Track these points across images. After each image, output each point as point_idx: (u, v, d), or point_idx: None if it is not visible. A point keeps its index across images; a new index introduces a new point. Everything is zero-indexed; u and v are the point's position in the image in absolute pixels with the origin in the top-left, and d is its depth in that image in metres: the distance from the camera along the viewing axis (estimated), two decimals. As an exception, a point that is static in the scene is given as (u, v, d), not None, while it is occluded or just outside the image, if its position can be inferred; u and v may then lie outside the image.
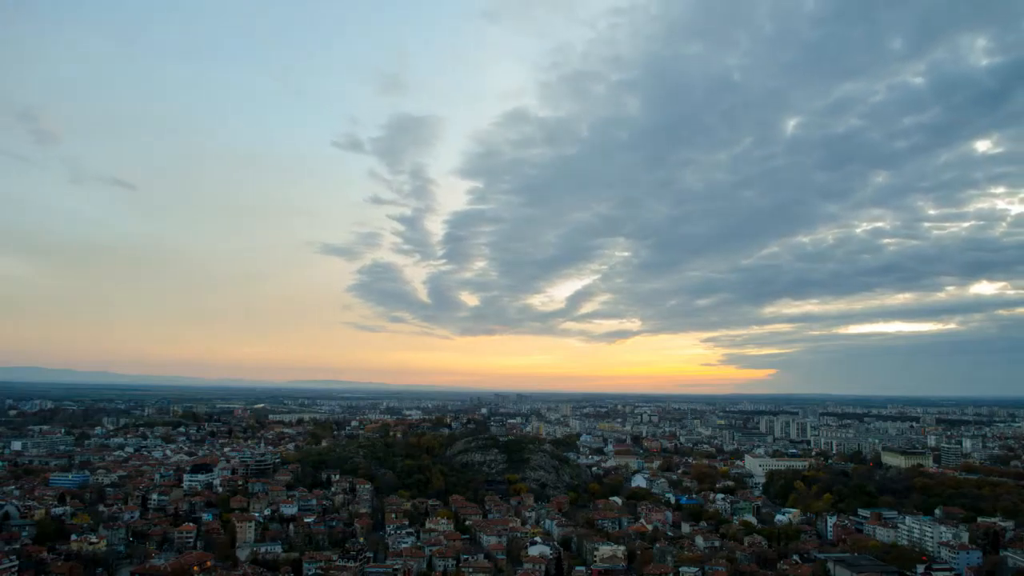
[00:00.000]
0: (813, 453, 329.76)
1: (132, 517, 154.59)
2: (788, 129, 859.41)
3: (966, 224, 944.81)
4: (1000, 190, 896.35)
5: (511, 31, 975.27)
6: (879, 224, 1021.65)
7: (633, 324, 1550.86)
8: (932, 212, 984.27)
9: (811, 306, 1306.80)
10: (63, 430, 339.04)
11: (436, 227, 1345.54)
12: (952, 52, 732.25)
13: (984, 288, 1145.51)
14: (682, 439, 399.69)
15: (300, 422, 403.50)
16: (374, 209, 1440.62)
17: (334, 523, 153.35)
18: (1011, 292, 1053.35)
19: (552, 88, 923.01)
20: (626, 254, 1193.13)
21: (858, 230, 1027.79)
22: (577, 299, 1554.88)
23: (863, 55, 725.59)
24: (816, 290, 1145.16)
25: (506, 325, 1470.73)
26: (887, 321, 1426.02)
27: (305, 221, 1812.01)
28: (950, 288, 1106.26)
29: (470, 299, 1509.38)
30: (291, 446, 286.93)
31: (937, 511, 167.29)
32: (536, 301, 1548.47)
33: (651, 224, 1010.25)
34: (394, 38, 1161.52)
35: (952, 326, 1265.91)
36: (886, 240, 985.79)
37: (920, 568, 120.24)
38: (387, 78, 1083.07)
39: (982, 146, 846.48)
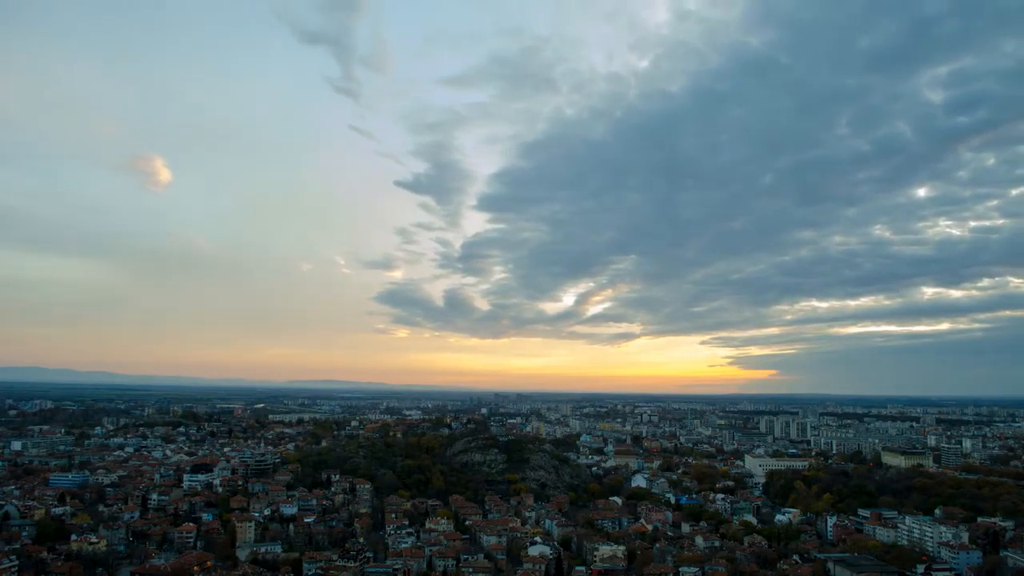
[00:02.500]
0: (813, 453, 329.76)
1: (132, 517, 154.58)
2: (768, 180, 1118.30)
3: (928, 246, 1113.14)
4: (948, 222, 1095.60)
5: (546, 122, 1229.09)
6: (849, 247, 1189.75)
7: (638, 327, 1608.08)
8: (895, 238, 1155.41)
9: (806, 311, 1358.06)
10: (63, 430, 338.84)
11: (468, 249, 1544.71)
12: (887, 130, 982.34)
13: (964, 294, 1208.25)
14: (682, 439, 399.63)
15: (300, 422, 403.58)
16: (420, 233, 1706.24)
17: (334, 523, 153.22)
18: (993, 297, 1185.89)
19: (574, 151, 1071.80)
20: (632, 268, 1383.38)
21: (832, 251, 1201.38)
22: (586, 306, 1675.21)
23: (820, 132, 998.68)
24: (809, 296, 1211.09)
25: (518, 328, 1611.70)
26: (877, 323, 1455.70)
27: (358, 240, 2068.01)
28: (929, 296, 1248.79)
29: (483, 305, 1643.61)
30: (291, 446, 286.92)
31: (937, 511, 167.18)
32: (547, 307, 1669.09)
33: (654, 246, 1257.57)
34: (441, 117, 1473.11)
35: (944, 327, 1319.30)
36: (859, 259, 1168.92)
37: (920, 568, 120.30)
38: (436, 144, 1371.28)
39: (922, 192, 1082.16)
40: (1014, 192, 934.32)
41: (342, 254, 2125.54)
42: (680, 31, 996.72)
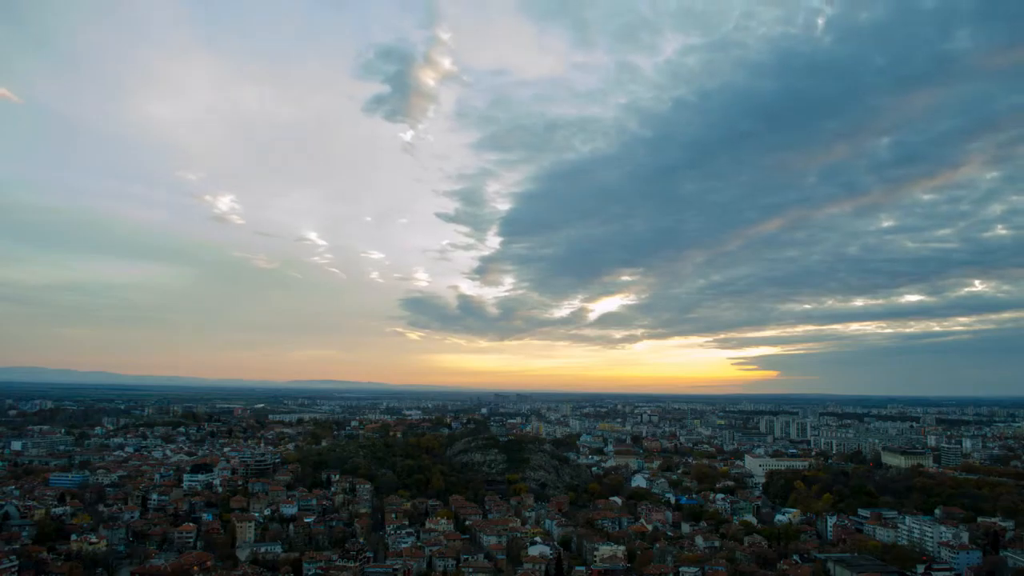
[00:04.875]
0: (813, 453, 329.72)
1: (132, 517, 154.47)
2: (755, 214, 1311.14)
3: (904, 263, 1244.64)
4: (914, 244, 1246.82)
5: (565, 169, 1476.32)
6: (829, 263, 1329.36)
7: (643, 331, 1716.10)
8: (869, 256, 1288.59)
9: (799, 315, 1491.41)
10: (63, 430, 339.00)
11: (487, 263, 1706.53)
12: (852, 178, 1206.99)
13: (945, 300, 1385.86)
14: (682, 439, 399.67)
15: (300, 422, 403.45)
16: (452, 252, 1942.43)
17: (334, 523, 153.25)
18: (973, 303, 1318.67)
19: (588, 191, 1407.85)
20: (637, 279, 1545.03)
21: (816, 268, 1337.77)
22: (593, 311, 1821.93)
23: (795, 180, 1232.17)
24: (804, 302, 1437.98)
25: (528, 331, 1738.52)
26: (875, 322, 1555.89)
27: (396, 258, 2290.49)
28: (915, 302, 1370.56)
29: (495, 311, 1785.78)
30: (291, 446, 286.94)
31: (937, 511, 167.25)
32: (555, 313, 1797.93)
33: (657, 262, 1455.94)
34: (475, 171, 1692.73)
35: (937, 328, 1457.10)
36: (842, 274, 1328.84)
37: (920, 568, 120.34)
38: (470, 189, 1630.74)
39: (886, 223, 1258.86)
40: (961, 224, 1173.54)
41: (378, 267, 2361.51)
42: (680, 116, 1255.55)
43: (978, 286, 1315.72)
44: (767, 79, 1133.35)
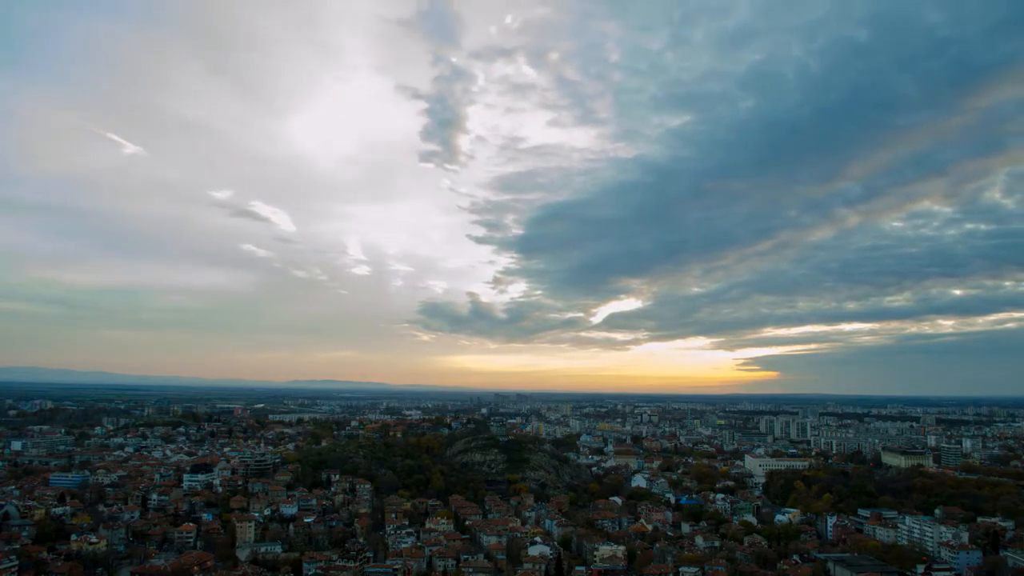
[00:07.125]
0: (813, 453, 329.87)
1: (132, 517, 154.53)
2: (747, 238, 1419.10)
3: (890, 275, 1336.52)
4: (891, 260, 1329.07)
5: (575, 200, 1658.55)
6: (815, 276, 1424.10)
7: (646, 334, 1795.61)
8: (855, 269, 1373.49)
9: (794, 319, 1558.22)
10: (63, 430, 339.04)
11: (500, 275, 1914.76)
12: (829, 209, 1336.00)
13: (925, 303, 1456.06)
14: (682, 439, 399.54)
15: (300, 422, 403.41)
16: (482, 267, 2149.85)
17: (334, 523, 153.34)
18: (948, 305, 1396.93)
19: (595, 219, 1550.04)
20: (641, 286, 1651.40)
21: (804, 281, 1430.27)
22: (598, 315, 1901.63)
23: (780, 212, 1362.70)
24: (801, 305, 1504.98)
25: (536, 334, 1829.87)
26: (872, 323, 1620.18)
27: (422, 269, 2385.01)
28: (903, 304, 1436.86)
29: (503, 315, 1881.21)
30: (291, 446, 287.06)
31: (937, 511, 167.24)
32: (561, 316, 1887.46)
33: (659, 273, 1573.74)
34: (496, 204, 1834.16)
35: (927, 329, 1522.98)
36: (829, 283, 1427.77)
37: (920, 568, 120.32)
38: (493, 218, 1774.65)
39: (866, 242, 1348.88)
40: (926, 244, 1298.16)
41: (405, 278, 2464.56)
42: (678, 162, 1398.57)
43: (958, 294, 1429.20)
44: (754, 134, 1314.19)
